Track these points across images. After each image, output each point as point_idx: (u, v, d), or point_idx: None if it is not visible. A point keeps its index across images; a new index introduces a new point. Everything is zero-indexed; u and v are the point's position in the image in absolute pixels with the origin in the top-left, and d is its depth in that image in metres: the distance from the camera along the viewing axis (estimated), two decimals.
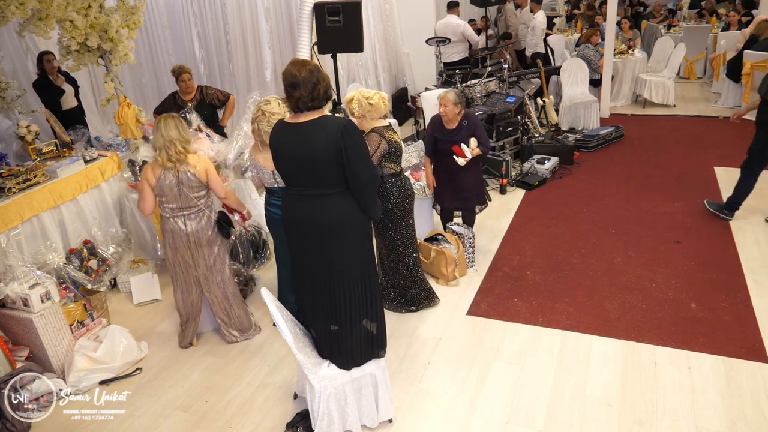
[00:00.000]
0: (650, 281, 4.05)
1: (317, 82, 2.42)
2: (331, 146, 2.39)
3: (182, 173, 3.32)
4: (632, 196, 5.49)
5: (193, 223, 3.44)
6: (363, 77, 8.08)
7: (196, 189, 3.39)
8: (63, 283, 3.92)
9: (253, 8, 7.43)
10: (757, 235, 4.55)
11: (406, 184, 3.67)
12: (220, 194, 3.50)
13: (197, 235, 3.45)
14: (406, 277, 3.84)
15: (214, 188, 3.46)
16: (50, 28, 4.45)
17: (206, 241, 3.50)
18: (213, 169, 3.44)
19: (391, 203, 3.63)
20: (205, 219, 3.48)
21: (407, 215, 3.72)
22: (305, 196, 2.53)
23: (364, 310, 2.67)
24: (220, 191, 3.48)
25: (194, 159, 3.37)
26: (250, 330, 3.80)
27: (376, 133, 3.51)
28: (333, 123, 2.44)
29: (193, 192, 3.38)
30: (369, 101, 3.51)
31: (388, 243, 3.76)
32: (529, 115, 6.85)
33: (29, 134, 4.62)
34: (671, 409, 2.91)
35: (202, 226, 3.46)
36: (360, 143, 2.49)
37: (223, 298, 3.66)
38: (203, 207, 3.45)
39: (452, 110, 4.10)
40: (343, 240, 2.54)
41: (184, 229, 3.43)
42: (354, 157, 2.43)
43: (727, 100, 8.22)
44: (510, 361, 3.35)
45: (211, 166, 3.46)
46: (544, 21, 9.34)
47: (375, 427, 2.89)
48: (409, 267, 3.82)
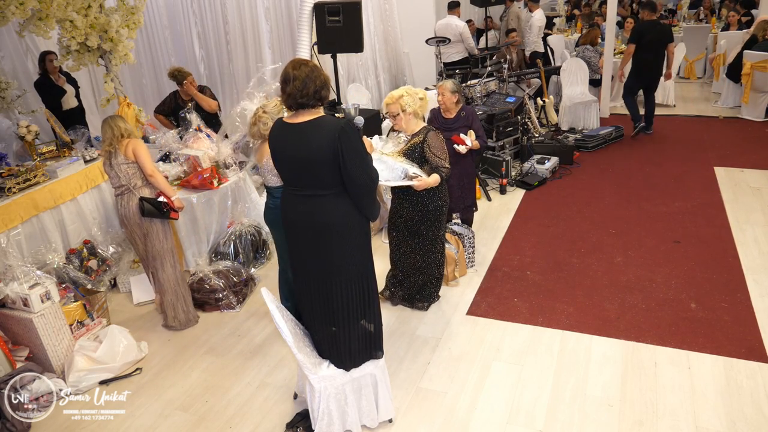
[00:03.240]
0: (650, 281, 4.05)
1: (308, 80, 2.39)
2: (328, 147, 2.37)
3: (113, 156, 3.66)
4: (632, 196, 5.49)
5: (123, 203, 3.71)
6: (363, 77, 8.08)
7: (123, 167, 3.64)
8: (63, 283, 3.92)
9: (253, 8, 7.43)
10: (757, 235, 4.55)
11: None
12: (146, 171, 3.68)
13: (127, 216, 3.71)
14: (440, 270, 3.86)
15: (141, 165, 3.67)
16: (50, 28, 4.46)
17: (135, 224, 3.72)
18: (141, 148, 3.66)
19: (443, 201, 3.65)
20: (132, 201, 3.67)
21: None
22: (302, 196, 2.53)
23: (361, 310, 2.67)
24: (146, 167, 3.67)
25: (125, 142, 3.65)
26: (176, 325, 3.90)
27: (434, 132, 3.55)
28: (330, 124, 2.42)
29: (121, 171, 3.65)
30: (419, 96, 3.52)
31: (437, 240, 3.73)
32: (529, 115, 6.85)
33: (29, 134, 4.62)
34: (671, 409, 2.91)
35: (130, 209, 3.68)
36: (357, 146, 2.44)
37: (159, 283, 3.85)
38: (131, 187, 3.66)
39: (450, 99, 4.16)
40: (340, 240, 2.53)
41: (119, 210, 3.75)
42: (350, 160, 2.40)
43: (727, 100, 8.23)
44: (510, 361, 3.35)
45: (140, 144, 3.68)
46: (541, 19, 9.32)
47: (375, 427, 2.89)
48: (443, 260, 3.87)
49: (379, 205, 2.66)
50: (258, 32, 7.54)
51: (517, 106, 6.39)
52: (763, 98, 7.45)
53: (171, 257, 3.83)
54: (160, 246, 3.76)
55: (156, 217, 3.68)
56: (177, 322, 3.88)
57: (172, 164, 4.62)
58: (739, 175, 5.77)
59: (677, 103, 8.60)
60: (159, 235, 3.75)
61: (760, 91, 7.44)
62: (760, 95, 7.46)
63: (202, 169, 4.45)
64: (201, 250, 4.47)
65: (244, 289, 4.21)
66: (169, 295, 3.85)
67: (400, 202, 3.66)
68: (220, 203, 4.53)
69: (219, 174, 4.52)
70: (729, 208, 5.04)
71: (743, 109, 7.71)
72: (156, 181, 3.71)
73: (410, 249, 3.75)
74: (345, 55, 7.50)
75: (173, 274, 3.84)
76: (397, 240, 3.77)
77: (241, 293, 4.18)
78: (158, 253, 3.77)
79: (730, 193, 5.37)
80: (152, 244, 3.75)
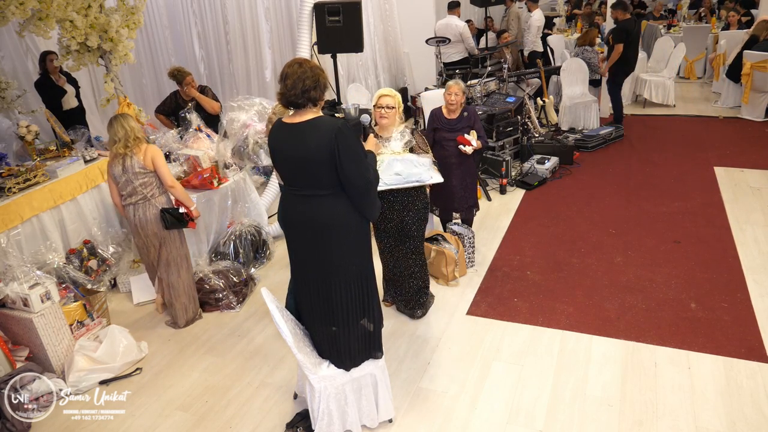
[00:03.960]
0: (650, 281, 4.05)
1: (298, 79, 2.39)
2: (325, 148, 2.37)
3: (128, 160, 3.53)
4: (632, 196, 5.49)
5: (139, 213, 3.61)
6: (363, 77, 8.08)
7: (141, 176, 3.53)
8: (63, 283, 3.92)
9: (253, 8, 7.43)
10: (757, 235, 4.55)
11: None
12: (167, 182, 3.62)
13: (142, 225, 3.64)
14: (428, 273, 3.86)
15: (161, 176, 3.60)
16: (50, 28, 4.45)
17: (152, 233, 3.65)
18: (160, 158, 3.58)
19: (427, 198, 3.67)
20: (150, 210, 3.60)
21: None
22: (301, 196, 2.53)
23: (361, 311, 2.66)
24: (167, 179, 3.61)
25: (143, 148, 3.56)
26: (182, 323, 3.90)
27: (416, 130, 3.62)
28: (327, 124, 2.41)
29: (138, 179, 3.54)
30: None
31: (423, 241, 3.75)
32: (529, 115, 6.85)
33: (29, 134, 4.62)
34: (671, 409, 2.91)
35: (147, 218, 3.61)
36: (354, 146, 2.43)
37: (169, 287, 3.82)
38: (148, 197, 3.58)
39: (461, 99, 4.25)
40: (338, 240, 2.52)
41: (132, 219, 3.65)
42: (347, 161, 2.38)
43: (727, 100, 8.23)
44: (510, 361, 3.35)
45: (159, 154, 3.59)
46: (540, 19, 9.32)
47: (375, 427, 2.89)
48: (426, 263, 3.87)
49: (379, 205, 2.65)
50: (258, 32, 7.54)
51: (517, 106, 6.39)
52: (763, 98, 7.45)
53: (186, 262, 3.85)
54: (177, 252, 3.77)
55: (178, 227, 3.68)
56: (185, 321, 3.92)
57: (172, 164, 4.61)
58: (739, 175, 5.77)
59: (677, 103, 8.60)
60: (176, 243, 3.76)
61: (760, 91, 7.44)
62: (760, 95, 7.46)
63: (202, 169, 4.45)
64: (201, 250, 4.46)
65: (244, 289, 4.21)
66: (182, 299, 3.86)
67: (389, 206, 3.56)
68: (220, 203, 4.53)
69: (219, 174, 4.52)
70: (729, 208, 5.04)
71: (743, 109, 7.71)
72: (176, 193, 3.68)
73: (402, 254, 3.68)
74: (345, 55, 7.50)
75: (188, 278, 3.87)
76: (389, 246, 3.70)
77: (241, 293, 4.18)
78: (174, 260, 3.77)
79: (730, 193, 5.37)
80: (168, 251, 3.74)
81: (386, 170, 3.29)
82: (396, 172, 3.30)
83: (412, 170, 3.31)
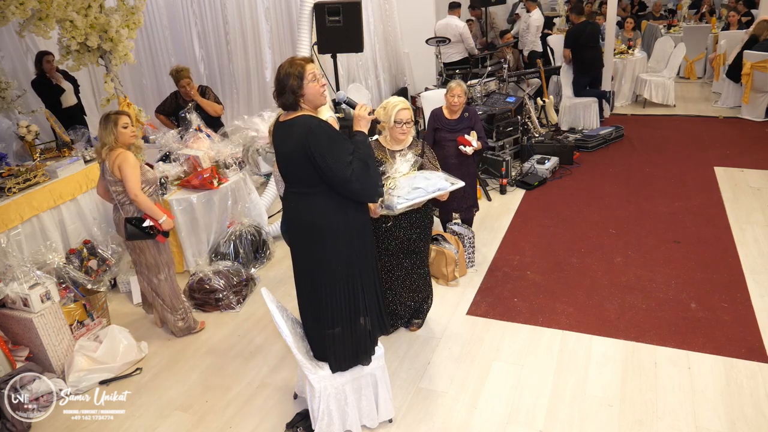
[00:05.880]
0: (650, 281, 4.05)
1: (277, 81, 2.43)
2: (300, 146, 2.38)
3: (105, 165, 3.45)
4: (632, 196, 5.49)
5: (114, 217, 3.59)
6: (363, 77, 8.08)
7: (113, 183, 3.44)
8: (63, 283, 3.92)
9: (253, 8, 7.44)
10: (757, 235, 4.55)
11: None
12: (129, 192, 3.36)
13: (117, 229, 3.61)
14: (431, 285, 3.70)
15: (125, 185, 3.36)
16: (50, 28, 4.45)
17: (124, 238, 3.59)
18: (128, 166, 3.32)
19: (432, 213, 3.57)
20: (120, 217, 3.50)
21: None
22: (293, 193, 2.57)
23: (348, 314, 2.59)
24: (130, 189, 3.35)
25: (115, 154, 3.36)
26: (176, 332, 3.81)
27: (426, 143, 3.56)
28: (303, 123, 2.41)
29: (111, 186, 3.46)
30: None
31: (427, 254, 3.61)
32: (529, 115, 6.85)
33: (29, 134, 4.62)
34: (671, 409, 2.91)
35: (118, 225, 3.56)
36: (325, 142, 2.36)
37: (151, 290, 3.76)
38: (120, 203, 3.46)
39: (463, 101, 4.24)
40: (326, 239, 2.50)
41: (114, 219, 3.62)
42: (321, 158, 2.34)
43: (727, 100, 8.23)
44: (510, 361, 3.35)
45: (127, 162, 3.33)
46: (539, 19, 9.31)
47: (375, 427, 2.89)
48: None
49: (375, 183, 2.50)
50: (258, 32, 7.54)
51: (517, 106, 6.39)
52: (763, 98, 7.45)
53: (166, 270, 3.65)
54: (153, 258, 3.58)
55: (141, 239, 3.48)
56: (176, 330, 3.79)
57: (172, 164, 4.61)
58: (739, 175, 5.77)
59: (677, 103, 8.60)
60: (151, 250, 3.56)
61: (760, 91, 7.44)
62: (760, 95, 7.46)
63: (202, 169, 4.45)
64: (201, 250, 4.46)
65: (244, 290, 4.21)
66: (167, 305, 3.72)
67: (396, 223, 3.35)
68: (220, 203, 4.53)
69: (219, 174, 4.53)
70: (729, 208, 5.04)
71: (743, 109, 7.71)
72: (140, 204, 3.38)
73: (405, 272, 3.48)
74: (345, 55, 7.50)
75: (167, 287, 3.68)
76: (389, 266, 3.45)
77: (241, 293, 4.18)
78: (151, 265, 3.61)
79: (730, 193, 5.37)
80: (144, 257, 3.59)
81: (405, 188, 3.02)
82: (416, 186, 3.04)
83: (430, 182, 3.08)
